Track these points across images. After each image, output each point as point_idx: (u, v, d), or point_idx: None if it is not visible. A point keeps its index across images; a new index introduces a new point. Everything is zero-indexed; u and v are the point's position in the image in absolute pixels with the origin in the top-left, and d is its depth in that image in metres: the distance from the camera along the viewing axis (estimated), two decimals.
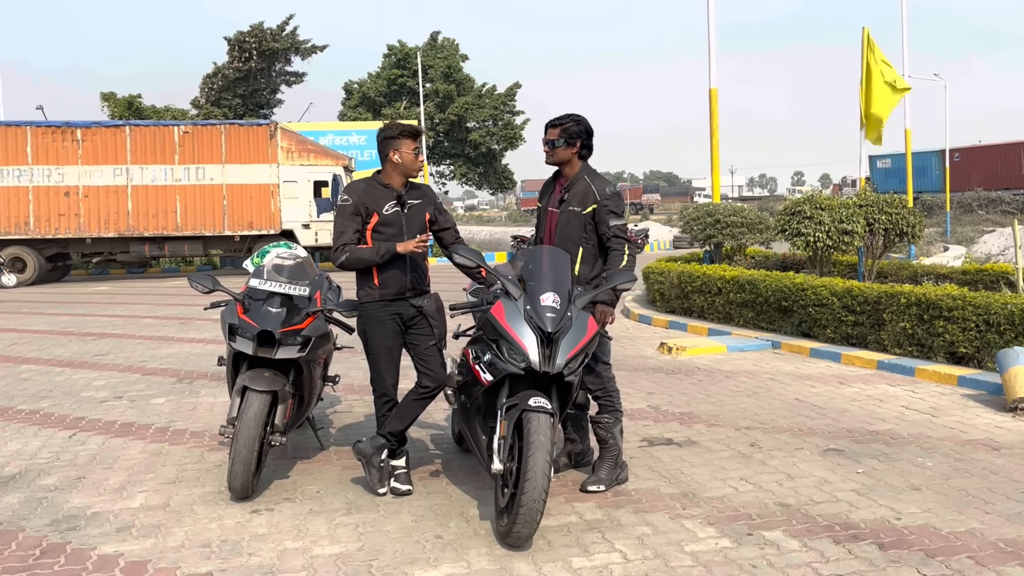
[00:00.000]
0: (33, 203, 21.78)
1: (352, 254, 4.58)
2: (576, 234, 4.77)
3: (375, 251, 4.59)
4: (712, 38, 14.04)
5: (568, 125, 4.79)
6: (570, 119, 4.82)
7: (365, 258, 4.59)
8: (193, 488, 4.90)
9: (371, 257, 4.58)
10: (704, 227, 13.55)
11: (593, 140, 4.88)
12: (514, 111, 39.86)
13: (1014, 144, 47.90)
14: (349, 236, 4.60)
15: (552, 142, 4.81)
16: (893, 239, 11.42)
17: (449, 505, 4.58)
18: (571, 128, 4.79)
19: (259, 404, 4.58)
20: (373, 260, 4.59)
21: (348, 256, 4.59)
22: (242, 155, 22.70)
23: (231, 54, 36.58)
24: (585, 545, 4.00)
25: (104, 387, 7.89)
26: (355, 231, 4.62)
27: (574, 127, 4.79)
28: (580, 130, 4.80)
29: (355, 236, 4.62)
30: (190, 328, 12.12)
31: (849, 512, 4.36)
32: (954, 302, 7.58)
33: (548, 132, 4.85)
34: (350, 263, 4.61)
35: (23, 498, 4.76)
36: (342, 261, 4.61)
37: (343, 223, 4.62)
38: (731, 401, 6.91)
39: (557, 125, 4.81)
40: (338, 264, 4.62)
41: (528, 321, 4.14)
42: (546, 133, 4.86)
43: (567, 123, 4.80)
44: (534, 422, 3.94)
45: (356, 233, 4.62)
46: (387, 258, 4.59)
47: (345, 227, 4.60)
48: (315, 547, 4.02)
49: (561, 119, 4.83)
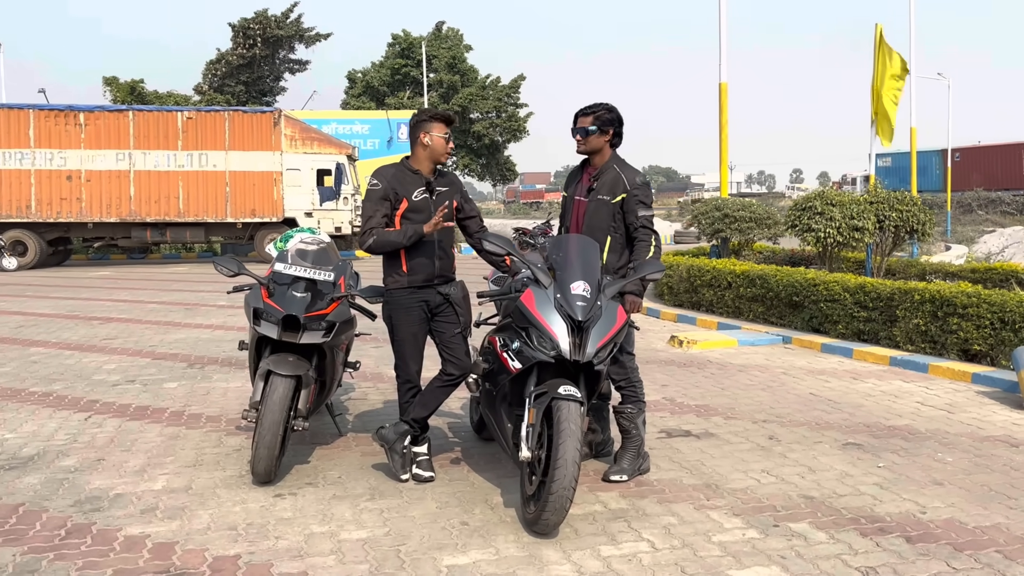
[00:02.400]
0: (35, 187, 21.68)
1: (380, 237, 4.56)
2: (605, 223, 4.75)
3: (403, 233, 4.57)
4: (723, 33, 14.00)
5: (601, 112, 4.76)
6: (602, 107, 4.79)
7: (393, 240, 4.57)
8: (214, 472, 4.88)
9: (399, 239, 4.56)
10: (712, 221, 13.54)
11: (623, 129, 4.85)
12: (518, 103, 39.75)
13: (1014, 145, 47.99)
14: (378, 220, 4.58)
15: (585, 129, 4.77)
16: (903, 236, 11.43)
17: (472, 492, 4.57)
18: (604, 115, 4.76)
19: (284, 388, 4.56)
20: (401, 242, 4.57)
21: (376, 239, 4.57)
22: (245, 142, 22.62)
23: (235, 40, 36.41)
24: (612, 534, 3.99)
25: (115, 371, 7.86)
26: (384, 215, 4.60)
27: (607, 114, 4.76)
28: (612, 117, 4.78)
29: (383, 220, 4.60)
30: (196, 314, 12.09)
31: (874, 505, 4.36)
32: (969, 299, 7.59)
33: (579, 120, 4.80)
34: (378, 246, 4.59)
35: (44, 479, 4.74)
36: (370, 244, 4.59)
37: (372, 207, 4.60)
38: (746, 394, 6.91)
39: (590, 113, 4.77)
40: (366, 247, 4.60)
41: (558, 309, 4.13)
42: (576, 122, 4.82)
43: (599, 111, 4.77)
44: (564, 410, 3.93)
45: (385, 217, 4.60)
46: (415, 240, 4.56)
47: (374, 211, 4.58)
48: (342, 531, 4.01)
49: (593, 107, 4.80)
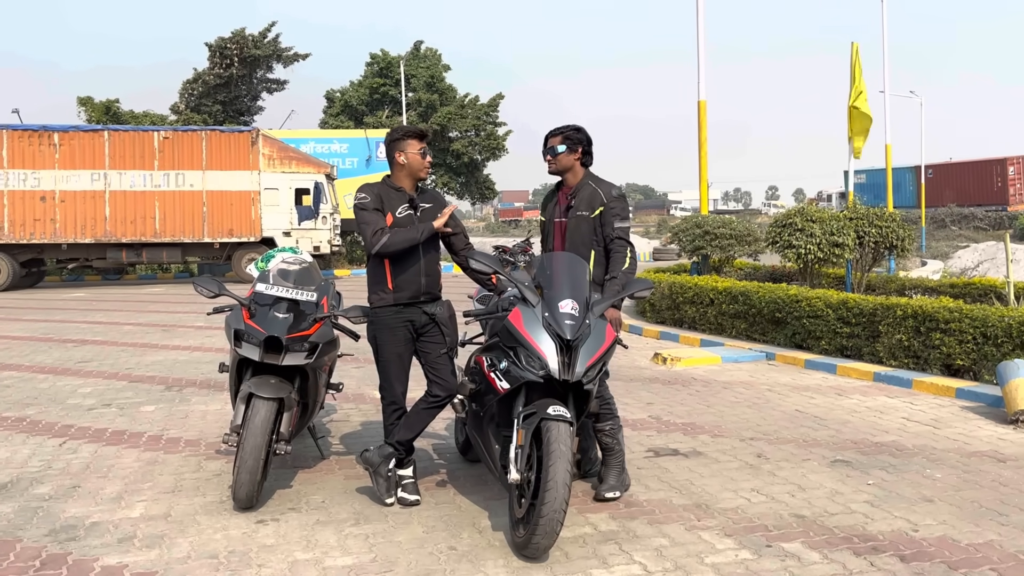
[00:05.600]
0: (8, 208, 21.38)
1: (393, 235, 4.47)
2: (587, 237, 4.80)
3: (416, 229, 4.52)
4: (701, 50, 14.11)
5: (569, 132, 4.90)
6: (570, 128, 4.92)
7: (410, 236, 4.50)
8: (194, 497, 4.76)
9: (414, 235, 4.50)
10: (692, 238, 13.57)
11: (592, 148, 4.96)
12: (496, 122, 39.84)
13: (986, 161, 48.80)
14: (382, 223, 4.52)
15: (554, 149, 4.88)
16: (883, 252, 11.50)
17: (459, 516, 4.48)
18: (572, 135, 4.89)
19: (266, 411, 4.46)
20: (416, 238, 4.51)
21: (390, 237, 4.47)
22: (223, 161, 22.47)
23: (212, 60, 36.20)
24: (603, 557, 3.92)
25: (91, 394, 7.70)
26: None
27: (575, 134, 4.89)
28: (581, 137, 4.90)
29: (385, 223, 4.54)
30: (174, 335, 11.91)
31: (865, 524, 4.32)
32: (951, 314, 7.61)
33: (549, 140, 4.93)
34: (393, 244, 4.47)
35: (17, 507, 4.59)
36: (384, 243, 4.46)
37: (369, 215, 4.53)
38: (732, 412, 6.87)
39: (558, 134, 4.91)
40: (377, 249, 4.46)
41: (547, 328, 4.07)
42: (547, 143, 4.94)
43: (567, 131, 4.90)
44: (554, 431, 3.87)
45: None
46: (427, 236, 4.52)
47: (373, 218, 4.52)
48: (326, 558, 3.91)
49: (561, 128, 4.93)
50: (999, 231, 39.18)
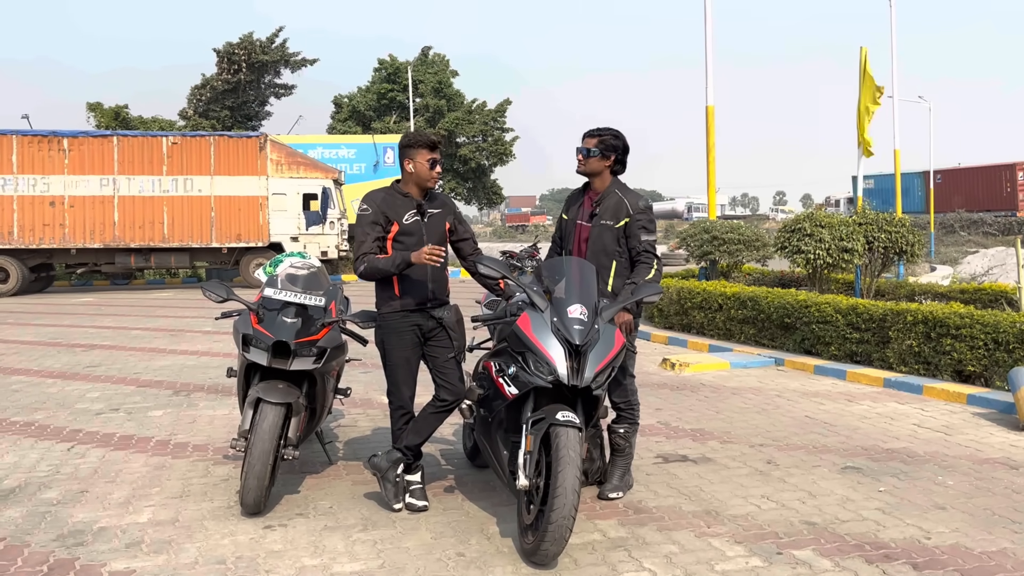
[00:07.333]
0: (18, 213, 21.44)
1: (370, 264, 4.48)
2: (610, 248, 4.72)
3: (391, 261, 4.48)
4: (709, 56, 14.09)
5: (606, 137, 4.76)
6: (609, 132, 4.79)
7: (382, 268, 4.48)
8: (201, 503, 4.75)
9: (388, 267, 4.47)
10: (701, 244, 13.54)
11: (627, 158, 4.84)
12: (504, 127, 39.86)
13: (995, 167, 48.61)
14: (369, 246, 4.50)
15: (588, 150, 4.77)
16: (892, 257, 11.44)
17: (468, 522, 4.46)
18: (609, 140, 4.76)
19: (274, 416, 4.45)
20: (390, 270, 4.48)
21: (367, 266, 4.49)
22: (231, 167, 22.51)
23: (220, 66, 36.39)
24: (612, 564, 3.89)
25: (99, 399, 7.70)
26: (375, 240, 4.52)
27: (612, 140, 4.76)
28: (618, 144, 4.78)
29: (375, 245, 4.52)
30: (181, 340, 11.92)
31: (877, 531, 4.28)
32: (962, 320, 7.56)
33: (585, 140, 4.81)
34: (368, 273, 4.51)
35: (25, 512, 4.59)
36: (361, 271, 4.51)
37: (363, 233, 4.52)
38: (741, 418, 6.84)
39: (596, 135, 4.78)
40: (358, 274, 4.53)
41: (555, 333, 4.05)
42: (583, 141, 4.82)
43: (606, 135, 4.77)
44: (563, 437, 3.85)
45: (376, 242, 4.52)
46: (403, 268, 4.49)
47: (365, 236, 4.50)
48: (334, 564, 3.89)
49: (601, 130, 4.80)
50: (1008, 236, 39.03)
